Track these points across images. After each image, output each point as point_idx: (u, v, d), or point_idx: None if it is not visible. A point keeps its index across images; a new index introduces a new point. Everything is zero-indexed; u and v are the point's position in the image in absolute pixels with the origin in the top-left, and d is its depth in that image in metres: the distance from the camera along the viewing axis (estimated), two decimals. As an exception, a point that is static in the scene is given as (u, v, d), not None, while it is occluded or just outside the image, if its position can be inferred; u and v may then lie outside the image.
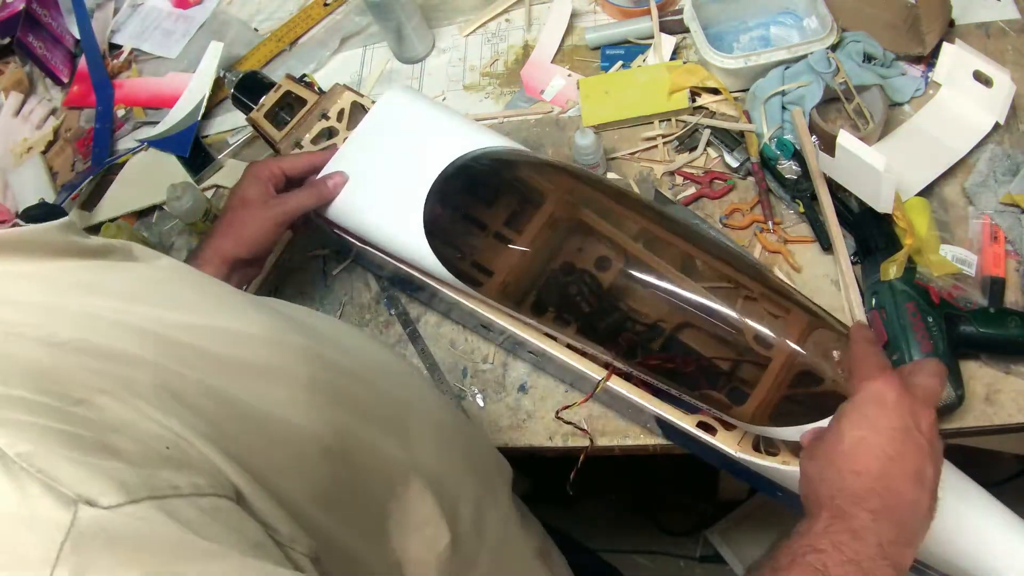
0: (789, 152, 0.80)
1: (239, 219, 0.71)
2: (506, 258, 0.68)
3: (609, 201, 0.69)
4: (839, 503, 0.45)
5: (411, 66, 1.03)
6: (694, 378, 0.60)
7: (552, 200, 0.69)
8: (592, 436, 0.72)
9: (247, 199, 0.72)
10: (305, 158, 0.75)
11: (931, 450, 0.47)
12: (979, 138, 0.78)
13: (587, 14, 1.00)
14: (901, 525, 0.45)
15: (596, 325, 0.65)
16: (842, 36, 0.83)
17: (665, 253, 0.64)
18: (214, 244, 0.71)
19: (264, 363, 0.41)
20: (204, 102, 1.03)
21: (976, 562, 0.53)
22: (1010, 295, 0.71)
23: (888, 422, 0.46)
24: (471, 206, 0.73)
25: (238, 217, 0.71)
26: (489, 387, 0.78)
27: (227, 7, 1.18)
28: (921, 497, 0.45)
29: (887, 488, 0.45)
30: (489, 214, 0.72)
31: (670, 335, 0.62)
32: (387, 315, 0.85)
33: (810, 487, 0.49)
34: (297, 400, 0.41)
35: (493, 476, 0.61)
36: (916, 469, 0.46)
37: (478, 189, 0.74)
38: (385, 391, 0.53)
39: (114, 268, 0.42)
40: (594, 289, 0.65)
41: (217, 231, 0.72)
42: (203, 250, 0.71)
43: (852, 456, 0.46)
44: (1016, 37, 0.85)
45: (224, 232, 0.71)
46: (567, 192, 0.70)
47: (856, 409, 0.48)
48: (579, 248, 0.67)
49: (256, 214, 0.71)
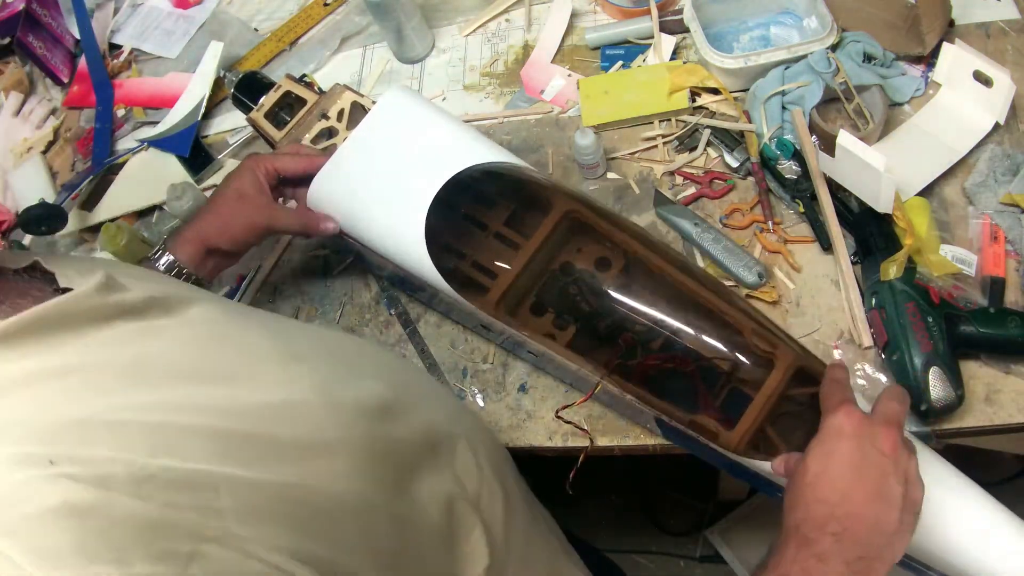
0: (789, 152, 0.80)
1: (228, 211, 0.71)
2: (505, 274, 0.70)
3: (606, 224, 0.71)
4: (804, 532, 0.48)
5: (411, 66, 1.03)
6: (683, 405, 0.63)
7: (549, 218, 0.71)
8: (592, 436, 0.72)
9: (242, 193, 0.71)
10: (303, 162, 0.74)
11: (894, 467, 0.49)
12: (979, 138, 0.78)
13: (587, 14, 1.00)
14: (866, 543, 0.48)
15: (588, 340, 0.67)
16: (842, 36, 0.83)
17: (659, 282, 0.67)
18: (198, 227, 0.71)
19: (320, 438, 0.42)
20: (204, 102, 1.03)
21: (976, 562, 0.53)
22: (1010, 295, 0.71)
23: (847, 450, 0.49)
24: (472, 221, 0.74)
25: (228, 209, 0.71)
26: (489, 387, 0.78)
27: (227, 7, 1.18)
28: (884, 513, 0.48)
29: (847, 512, 0.48)
30: (488, 231, 0.73)
31: (660, 365, 0.65)
32: (387, 315, 0.85)
33: (783, 517, 0.52)
34: (357, 467, 0.43)
35: (512, 484, 0.62)
36: (876, 489, 0.48)
37: (478, 205, 0.74)
38: (431, 420, 0.54)
39: (154, 333, 0.42)
40: (589, 300, 0.68)
41: (204, 216, 0.72)
42: (186, 230, 0.71)
43: (815, 486, 0.49)
44: (1016, 37, 0.85)
45: (211, 220, 0.71)
46: (563, 211, 0.71)
47: (819, 444, 0.51)
48: (575, 255, 0.69)
49: (246, 212, 0.71)
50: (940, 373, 0.64)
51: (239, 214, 0.71)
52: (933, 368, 0.64)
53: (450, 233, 0.73)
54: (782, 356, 0.61)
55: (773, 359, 0.61)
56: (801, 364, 0.61)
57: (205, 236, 0.70)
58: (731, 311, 0.64)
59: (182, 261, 0.70)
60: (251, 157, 0.74)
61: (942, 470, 0.56)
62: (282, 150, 0.77)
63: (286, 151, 0.76)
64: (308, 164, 0.74)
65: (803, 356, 0.62)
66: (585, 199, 0.73)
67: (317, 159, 0.74)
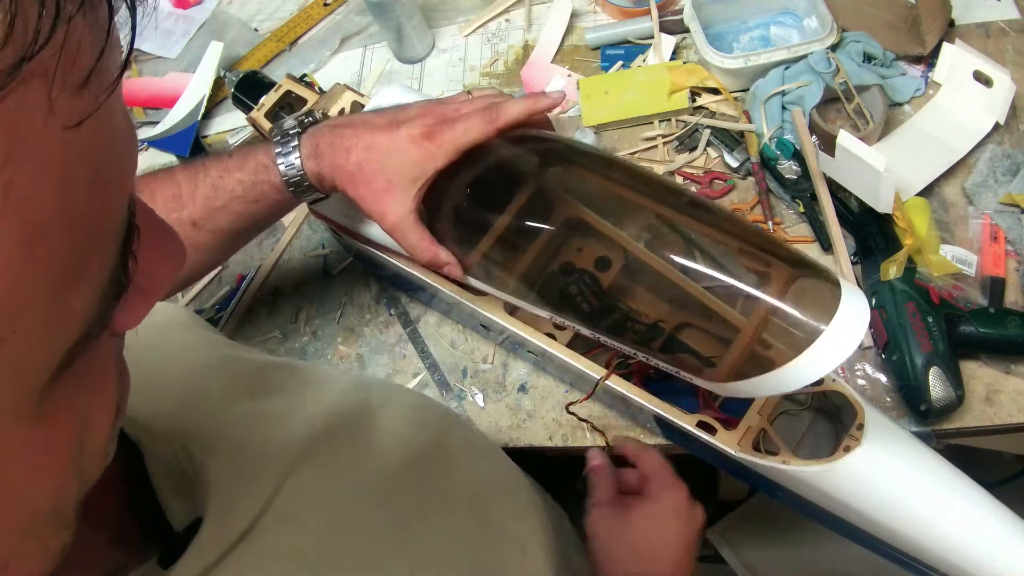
0: (789, 152, 0.80)
1: (381, 186, 0.56)
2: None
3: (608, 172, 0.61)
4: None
5: (411, 66, 1.03)
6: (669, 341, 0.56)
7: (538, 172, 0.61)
8: (605, 433, 0.72)
9: (406, 175, 0.56)
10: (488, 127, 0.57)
11: (697, 527, 0.61)
12: (979, 138, 0.78)
13: (587, 14, 1.00)
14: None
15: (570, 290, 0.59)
16: (842, 36, 0.83)
17: (641, 211, 0.58)
18: (338, 160, 0.56)
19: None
20: (204, 102, 1.03)
21: (976, 562, 0.53)
22: (1010, 295, 0.71)
23: (685, 528, 0.60)
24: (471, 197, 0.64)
25: (381, 183, 0.56)
26: (489, 387, 0.78)
27: (227, 7, 1.18)
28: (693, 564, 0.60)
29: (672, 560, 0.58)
30: (483, 207, 0.63)
31: (647, 294, 0.57)
32: (387, 315, 0.85)
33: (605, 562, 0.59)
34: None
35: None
36: (694, 550, 0.60)
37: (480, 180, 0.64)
38: (510, 510, 0.49)
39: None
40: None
41: (359, 153, 0.55)
42: (333, 150, 0.56)
43: (659, 559, 0.59)
44: (1016, 37, 0.85)
45: (356, 176, 0.56)
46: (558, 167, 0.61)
47: (662, 518, 0.61)
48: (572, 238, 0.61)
49: (386, 201, 0.56)
50: (940, 373, 0.64)
51: (383, 199, 0.56)
52: (933, 368, 0.64)
53: (451, 214, 0.64)
54: (776, 272, 0.51)
55: (767, 275, 0.52)
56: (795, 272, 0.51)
57: (335, 178, 0.56)
58: (722, 231, 0.55)
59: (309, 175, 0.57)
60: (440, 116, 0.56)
61: (942, 470, 0.56)
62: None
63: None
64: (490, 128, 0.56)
65: (798, 263, 0.51)
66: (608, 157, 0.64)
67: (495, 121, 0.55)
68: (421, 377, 0.80)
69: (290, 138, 0.58)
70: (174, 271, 0.25)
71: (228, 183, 0.59)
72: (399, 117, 0.56)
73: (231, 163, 0.59)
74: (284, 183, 0.58)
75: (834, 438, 0.65)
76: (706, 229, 0.54)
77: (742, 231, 0.54)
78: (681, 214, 0.55)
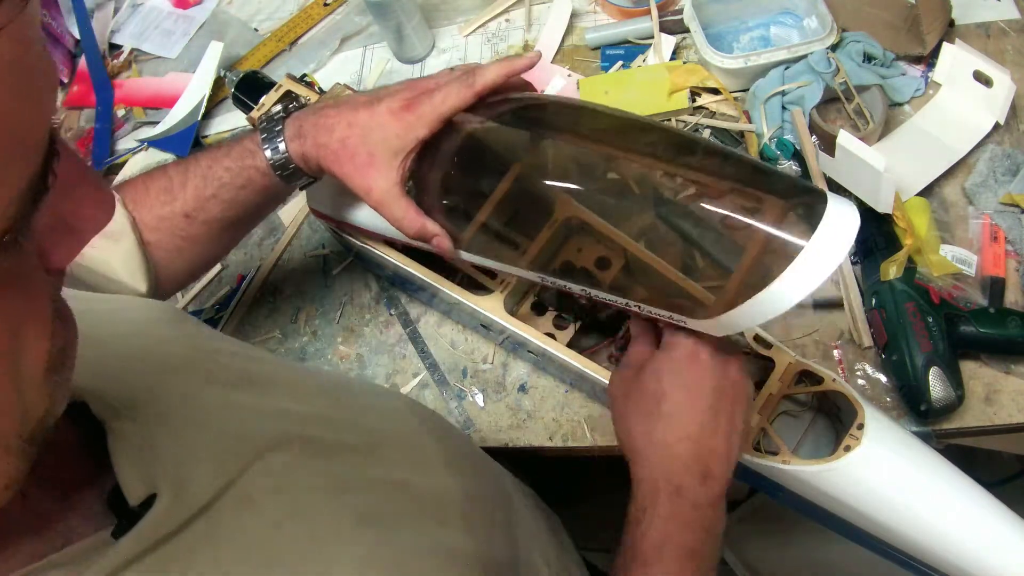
0: (789, 152, 0.80)
1: (363, 162, 0.56)
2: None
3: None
4: (675, 481, 0.49)
5: (411, 66, 1.03)
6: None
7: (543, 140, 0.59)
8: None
9: (386, 147, 0.56)
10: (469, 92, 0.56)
11: (735, 393, 0.51)
12: (979, 138, 0.78)
13: (587, 14, 1.00)
14: (723, 479, 0.50)
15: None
16: (842, 36, 0.83)
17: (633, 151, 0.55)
18: (321, 139, 0.56)
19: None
20: (204, 102, 1.03)
21: (976, 562, 0.53)
22: (1010, 295, 0.71)
23: (706, 381, 0.50)
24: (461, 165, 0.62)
25: (363, 159, 0.56)
26: (489, 387, 0.78)
27: (227, 7, 1.18)
28: (736, 446, 0.50)
29: (710, 450, 0.49)
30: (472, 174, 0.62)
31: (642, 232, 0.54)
32: (387, 315, 0.85)
33: (632, 446, 0.53)
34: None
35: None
36: (730, 422, 0.50)
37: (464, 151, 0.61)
38: (508, 524, 0.50)
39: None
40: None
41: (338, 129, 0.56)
42: (317, 130, 0.56)
43: (673, 422, 0.50)
44: (1016, 37, 0.85)
45: (336, 151, 0.56)
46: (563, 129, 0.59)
47: (674, 372, 0.51)
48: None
49: (370, 176, 0.56)
50: (940, 373, 0.64)
51: (367, 173, 0.56)
52: (933, 368, 0.64)
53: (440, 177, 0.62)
54: (769, 207, 0.48)
55: (759, 208, 0.48)
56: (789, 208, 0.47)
57: (317, 157, 0.57)
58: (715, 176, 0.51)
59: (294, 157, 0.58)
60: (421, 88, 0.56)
61: (942, 470, 0.56)
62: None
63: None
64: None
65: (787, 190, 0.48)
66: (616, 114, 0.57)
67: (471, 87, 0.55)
68: (421, 377, 0.80)
69: (275, 123, 0.59)
70: (104, 218, 0.28)
71: (216, 171, 0.60)
72: (380, 94, 0.57)
73: (219, 152, 0.61)
74: (270, 166, 0.58)
75: (834, 438, 0.65)
76: (696, 169, 0.52)
77: (732, 162, 0.52)
78: (670, 156, 0.54)
